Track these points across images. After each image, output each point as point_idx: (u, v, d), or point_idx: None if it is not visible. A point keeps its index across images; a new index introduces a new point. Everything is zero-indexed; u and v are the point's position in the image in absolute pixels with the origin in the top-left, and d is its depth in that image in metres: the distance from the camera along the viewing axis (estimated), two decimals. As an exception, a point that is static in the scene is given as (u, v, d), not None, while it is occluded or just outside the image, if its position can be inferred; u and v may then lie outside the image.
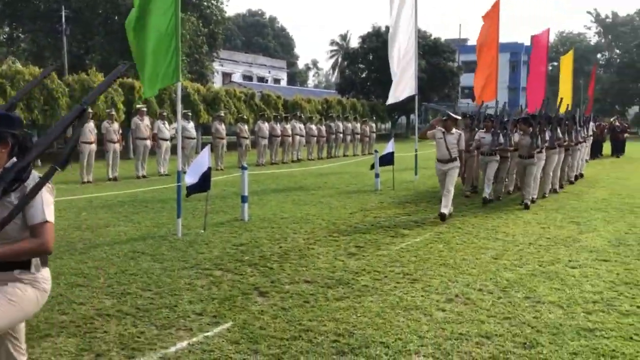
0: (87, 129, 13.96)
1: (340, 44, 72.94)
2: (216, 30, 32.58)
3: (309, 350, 4.04)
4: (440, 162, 9.06)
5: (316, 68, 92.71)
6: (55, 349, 4.00)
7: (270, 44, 70.05)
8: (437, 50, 40.38)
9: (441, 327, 4.50)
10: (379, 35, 39.40)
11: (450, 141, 8.91)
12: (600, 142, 24.39)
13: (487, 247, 7.24)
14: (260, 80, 53.93)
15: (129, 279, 5.70)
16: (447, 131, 8.91)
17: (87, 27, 28.56)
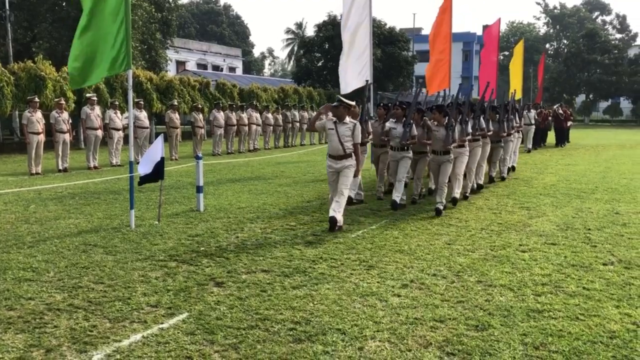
0: (34, 118, 13.48)
1: (296, 32, 72.60)
2: (169, 17, 31.89)
3: (265, 339, 4.04)
4: (331, 159, 7.50)
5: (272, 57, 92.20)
6: (2, 346, 3.87)
7: (225, 32, 69.09)
8: (392, 40, 40.63)
9: (396, 312, 4.56)
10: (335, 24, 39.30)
11: (343, 133, 7.37)
12: (544, 131, 23.70)
13: (441, 232, 7.38)
14: (215, 68, 53.17)
15: (80, 272, 5.56)
16: (339, 120, 7.39)
17: (33, 13, 27.43)
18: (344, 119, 7.39)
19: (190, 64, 50.34)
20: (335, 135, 7.35)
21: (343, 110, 7.39)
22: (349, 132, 7.35)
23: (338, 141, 7.36)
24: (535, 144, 21.82)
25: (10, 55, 25.17)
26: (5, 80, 17.43)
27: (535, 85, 55.67)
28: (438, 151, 8.77)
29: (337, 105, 7.38)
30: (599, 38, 58.59)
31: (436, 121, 8.83)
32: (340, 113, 7.39)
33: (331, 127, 7.42)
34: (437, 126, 8.77)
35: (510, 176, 13.17)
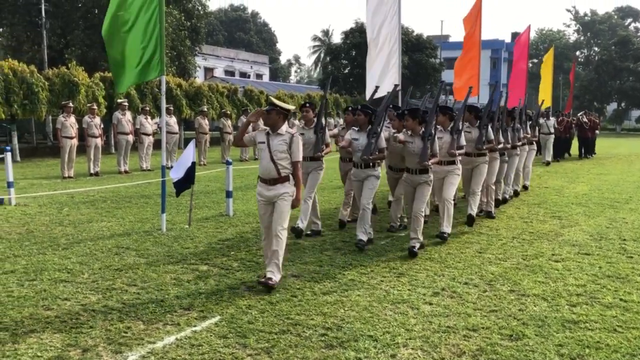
0: (68, 123, 13.77)
1: (322, 39, 72.77)
2: (199, 24, 32.29)
3: (297, 344, 4.04)
4: (262, 183, 5.46)
5: (298, 64, 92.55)
6: (41, 345, 3.95)
7: (253, 39, 69.67)
8: (420, 47, 40.53)
9: (428, 320, 4.53)
10: (362, 31, 39.37)
11: (276, 147, 5.33)
12: (567, 141, 21.53)
13: (472, 241, 7.30)
14: (243, 75, 53.62)
15: (114, 274, 5.65)
16: (272, 131, 5.41)
17: (66, 20, 28.08)
18: (278, 128, 5.38)
19: (218, 71, 50.88)
20: (267, 151, 5.36)
21: (276, 116, 5.36)
22: (283, 147, 5.32)
23: (269, 159, 5.33)
24: (558, 155, 20.08)
25: (45, 62, 25.77)
26: (40, 86, 17.84)
27: (565, 93, 54.87)
28: (413, 169, 6.73)
29: (269, 110, 5.38)
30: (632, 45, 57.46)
31: (409, 130, 6.81)
32: (273, 121, 5.37)
33: (262, 141, 5.42)
34: (410, 136, 6.76)
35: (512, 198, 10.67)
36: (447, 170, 7.33)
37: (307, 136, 7.23)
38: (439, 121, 7.37)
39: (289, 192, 5.38)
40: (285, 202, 5.36)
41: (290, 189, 5.40)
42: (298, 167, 5.44)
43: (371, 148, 6.69)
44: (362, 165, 6.86)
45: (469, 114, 8.15)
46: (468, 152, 7.88)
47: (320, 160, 7.38)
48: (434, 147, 6.77)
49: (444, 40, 54.99)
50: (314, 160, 7.34)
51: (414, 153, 6.69)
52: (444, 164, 7.30)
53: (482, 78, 25.82)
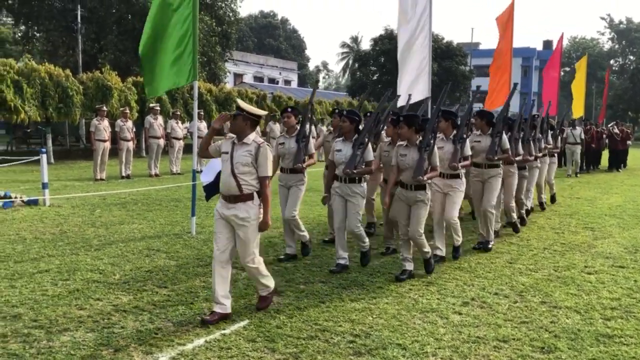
0: (101, 126, 14.04)
1: (351, 46, 72.95)
2: (229, 30, 32.62)
3: (325, 350, 4.04)
4: (223, 201, 4.64)
5: (326, 70, 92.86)
6: (75, 343, 4.02)
7: (282, 45, 70.15)
8: (450, 54, 40.26)
9: (458, 330, 4.48)
10: (391, 38, 39.32)
11: (238, 159, 4.54)
12: (597, 152, 20.28)
13: (502, 251, 7.20)
14: (271, 81, 54.00)
15: (145, 275, 5.73)
16: (238, 140, 4.61)
17: (101, 26, 28.69)
18: (244, 136, 4.57)
19: (247, 77, 51.34)
20: (228, 162, 4.55)
21: (243, 123, 4.55)
22: (248, 159, 4.51)
23: (230, 172, 4.51)
24: (586, 167, 19.35)
25: (79, 66, 26.36)
26: (74, 90, 18.25)
27: (598, 102, 53.84)
28: (407, 184, 5.81)
29: (235, 115, 4.60)
30: (668, 54, 56.17)
31: (404, 139, 5.87)
32: (239, 127, 4.56)
33: (226, 151, 4.61)
34: (405, 147, 5.83)
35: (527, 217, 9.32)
36: (450, 185, 6.49)
37: (287, 145, 6.43)
38: (441, 128, 6.50)
39: (251, 215, 4.53)
40: (248, 227, 4.52)
41: (253, 210, 4.54)
42: (266, 184, 4.58)
43: (356, 160, 5.88)
44: (346, 180, 5.98)
45: (480, 120, 7.23)
46: (478, 162, 7.11)
47: (302, 173, 6.43)
48: (433, 159, 5.84)
49: (474, 48, 54.53)
50: (294, 172, 6.42)
51: (408, 166, 5.76)
52: (446, 178, 6.49)
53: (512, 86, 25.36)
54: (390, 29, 40.68)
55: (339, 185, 6.07)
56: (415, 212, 5.81)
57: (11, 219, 8.39)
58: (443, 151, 6.44)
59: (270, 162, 4.64)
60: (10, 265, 5.94)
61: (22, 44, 34.65)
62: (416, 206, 5.81)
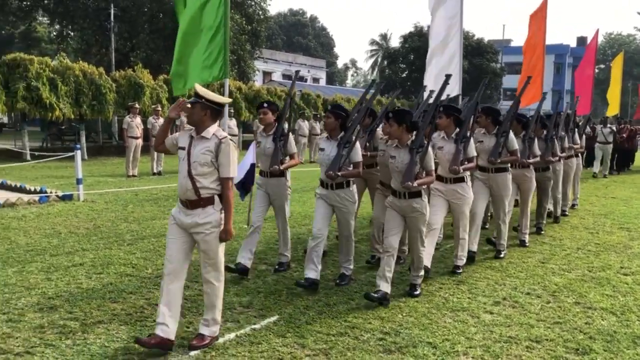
0: (134, 124, 14.27)
1: (380, 43, 72.63)
2: (259, 28, 32.82)
3: (355, 347, 4.04)
4: (181, 206, 4.03)
5: (355, 68, 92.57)
6: (109, 335, 4.10)
7: (311, 43, 70.24)
8: (480, 51, 39.80)
9: (489, 329, 4.43)
10: (421, 35, 39.09)
11: (197, 157, 3.89)
12: (629, 152, 19.08)
13: (534, 250, 7.09)
14: (300, 79, 54.12)
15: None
16: (196, 133, 3.95)
17: (133, 25, 29.16)
18: (203, 129, 3.92)
19: (276, 75, 51.57)
20: (185, 161, 3.92)
21: (201, 112, 3.90)
22: (207, 157, 3.86)
23: (186, 172, 3.89)
24: (618, 168, 18.30)
25: (112, 64, 26.82)
26: (108, 87, 18.58)
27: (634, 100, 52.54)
28: (399, 192, 4.99)
29: (192, 103, 3.91)
30: None
31: (395, 139, 5.05)
32: (198, 118, 3.91)
33: (182, 146, 3.97)
34: (395, 147, 5.04)
35: None
36: (454, 191, 5.78)
37: (264, 144, 5.81)
38: (441, 125, 5.83)
39: (212, 222, 3.91)
40: (210, 237, 3.93)
41: (214, 216, 3.91)
42: (228, 187, 3.93)
43: (341, 161, 5.12)
44: (332, 186, 5.27)
45: (485, 117, 6.49)
46: (483, 166, 6.47)
47: (282, 176, 5.80)
48: (426, 162, 5.00)
49: (505, 45, 53.71)
50: (273, 176, 5.77)
51: (397, 170, 4.97)
52: (448, 182, 5.78)
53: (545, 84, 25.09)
54: (420, 26, 40.43)
55: (325, 192, 5.31)
56: (412, 226, 5.05)
57: (47, 214, 8.58)
58: (443, 152, 5.76)
59: (234, 160, 3.93)
60: (46, 258, 6.09)
61: (56, 42, 35.49)
62: (413, 219, 5.01)
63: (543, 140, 7.69)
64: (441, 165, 5.74)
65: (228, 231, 3.96)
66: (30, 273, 5.54)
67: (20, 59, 16.73)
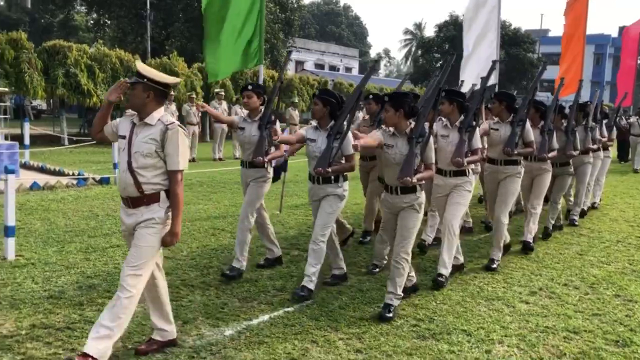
0: (169, 111, 14.46)
1: (414, 32, 71.85)
2: (292, 17, 32.85)
3: (389, 332, 4.02)
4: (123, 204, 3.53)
5: (388, 57, 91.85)
6: (145, 314, 4.16)
7: (344, 32, 69.95)
8: (517, 41, 39.04)
9: (525, 319, 4.36)
10: (456, 24, 38.51)
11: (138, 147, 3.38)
12: None
13: (571, 242, 6.94)
14: (332, 68, 53.98)
15: (210, 253, 5.88)
16: (139, 119, 3.44)
17: (168, 13, 29.52)
18: (146, 114, 3.39)
19: (308, 64, 51.53)
20: (126, 151, 3.40)
21: (143, 94, 3.35)
22: (151, 147, 3.34)
23: (127, 165, 3.37)
24: None
25: (148, 52, 27.19)
26: (143, 75, 18.84)
27: (676, 92, 50.79)
28: (393, 187, 4.43)
29: (133, 84, 3.35)
30: None
31: (391, 126, 4.43)
32: (139, 101, 3.38)
33: (123, 134, 3.46)
34: (392, 136, 4.41)
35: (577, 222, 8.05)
36: (454, 184, 5.21)
37: (248, 132, 5.20)
38: (444, 112, 5.25)
39: (155, 217, 3.37)
40: (147, 231, 3.35)
41: (159, 213, 3.37)
42: (177, 180, 3.37)
43: (331, 154, 4.53)
44: (320, 180, 4.73)
45: (499, 103, 5.88)
46: (493, 157, 5.91)
47: (263, 168, 5.19)
48: (426, 155, 4.39)
49: (543, 35, 52.55)
50: (253, 167, 5.17)
51: (394, 162, 4.38)
52: (449, 175, 5.21)
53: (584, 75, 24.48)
54: (456, 15, 39.83)
55: (311, 187, 4.80)
56: (403, 222, 4.37)
57: (84, 197, 8.78)
58: (446, 142, 5.18)
59: (185, 150, 3.39)
60: (84, 239, 6.23)
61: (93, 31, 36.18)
62: (404, 214, 4.39)
63: (563, 132, 6.95)
64: (441, 157, 5.12)
65: (175, 234, 3.38)
66: (70, 253, 5.68)
67: (59, 46, 17.09)
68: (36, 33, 39.64)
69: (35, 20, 45.96)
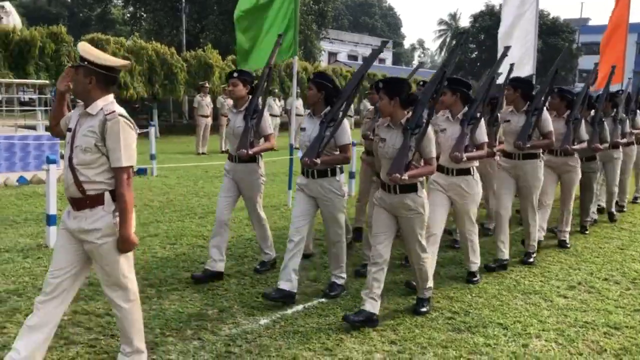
0: (204, 103, 14.62)
1: (449, 23, 70.83)
2: (326, 8, 32.70)
3: (424, 325, 4.00)
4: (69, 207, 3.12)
5: (422, 48, 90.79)
6: (183, 302, 4.25)
7: (377, 23, 69.39)
8: (555, 30, 38.09)
9: (563, 313, 4.28)
10: (492, 14, 37.81)
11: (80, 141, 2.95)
12: None
13: (612, 236, 6.78)
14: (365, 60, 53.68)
15: (245, 243, 5.94)
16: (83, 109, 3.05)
17: (202, 6, 29.73)
18: (89, 103, 2.97)
19: (341, 55, 51.34)
20: (69, 146, 2.99)
21: (85, 80, 2.96)
22: (91, 140, 2.92)
23: (68, 162, 2.97)
24: None
25: (183, 45, 27.50)
26: (179, 67, 19.07)
27: None
28: (389, 186, 3.97)
29: (76, 67, 2.99)
30: None
31: (385, 115, 4.04)
32: (82, 88, 2.98)
33: (70, 127, 3.05)
34: (386, 127, 4.02)
35: None
36: (456, 185, 4.66)
37: (233, 123, 4.82)
38: (446, 103, 4.73)
39: (102, 227, 2.94)
40: (102, 250, 2.96)
41: (105, 220, 2.94)
42: (122, 180, 2.93)
43: (321, 144, 4.09)
44: (313, 174, 4.34)
45: (514, 91, 5.36)
46: (509, 151, 5.43)
47: (253, 161, 4.82)
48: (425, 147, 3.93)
49: (582, 24, 51.11)
50: (242, 162, 4.79)
51: (387, 156, 3.95)
52: (450, 174, 4.68)
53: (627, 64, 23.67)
54: (492, 5, 39.11)
55: (305, 181, 4.41)
56: (407, 228, 4.02)
57: (123, 187, 8.96)
58: (446, 135, 4.66)
59: (129, 144, 2.93)
60: (123, 228, 6.36)
61: (130, 24, 36.67)
62: (406, 220, 3.99)
63: (590, 124, 6.42)
64: (442, 153, 4.65)
65: (126, 239, 2.94)
66: (109, 241, 5.80)
67: (97, 39, 17.41)
68: (75, 27, 40.49)
69: (74, 15, 46.97)
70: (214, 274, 4.75)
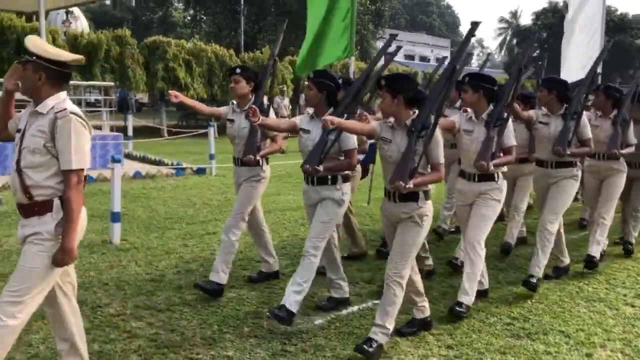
0: (282, 104, 15.22)
1: (509, 21, 69.07)
2: (382, 8, 32.57)
3: (481, 330, 3.93)
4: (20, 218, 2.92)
5: (481, 47, 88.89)
6: (239, 300, 4.34)
7: (435, 22, 68.54)
8: (623, 27, 36.53)
9: (630, 323, 4.11)
10: (556, 11, 36.65)
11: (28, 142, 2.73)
12: None
13: (683, 243, 6.42)
14: (423, 59, 53.14)
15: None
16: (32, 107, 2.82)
17: (260, 8, 30.21)
18: (40, 101, 2.74)
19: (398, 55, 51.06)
20: (17, 147, 2.77)
21: (33, 76, 2.71)
22: (39, 141, 2.68)
23: (15, 165, 2.74)
24: None
25: (241, 46, 28.00)
26: (237, 68, 19.46)
27: None
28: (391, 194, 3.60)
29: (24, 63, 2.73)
30: None
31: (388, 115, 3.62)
32: (30, 85, 2.74)
33: (20, 127, 2.81)
34: (391, 128, 3.62)
35: None
36: (479, 191, 4.25)
37: (237, 124, 4.46)
38: (468, 102, 4.33)
39: (43, 232, 2.67)
40: (31, 249, 2.68)
41: (49, 226, 2.67)
42: (71, 183, 2.67)
43: (324, 149, 3.80)
44: (314, 181, 4.00)
45: (548, 92, 4.85)
46: (542, 159, 4.94)
47: (258, 166, 4.42)
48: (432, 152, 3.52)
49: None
50: (245, 165, 4.43)
51: (390, 161, 3.56)
52: (473, 180, 4.25)
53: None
54: (555, 2, 37.88)
55: (305, 188, 4.08)
56: (401, 238, 3.55)
57: (183, 186, 9.21)
58: (470, 138, 4.24)
59: (81, 145, 2.68)
60: (183, 226, 6.54)
61: (190, 27, 37.69)
62: (401, 228, 3.57)
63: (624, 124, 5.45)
64: (464, 157, 4.31)
65: (66, 250, 2.64)
66: (169, 239, 5.99)
67: (159, 41, 18.01)
68: (138, 30, 41.94)
69: (138, 18, 48.67)
70: (269, 274, 4.79)
